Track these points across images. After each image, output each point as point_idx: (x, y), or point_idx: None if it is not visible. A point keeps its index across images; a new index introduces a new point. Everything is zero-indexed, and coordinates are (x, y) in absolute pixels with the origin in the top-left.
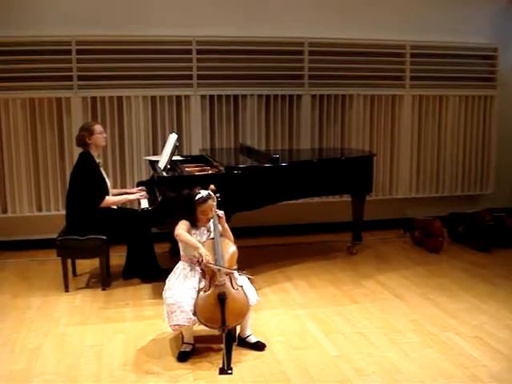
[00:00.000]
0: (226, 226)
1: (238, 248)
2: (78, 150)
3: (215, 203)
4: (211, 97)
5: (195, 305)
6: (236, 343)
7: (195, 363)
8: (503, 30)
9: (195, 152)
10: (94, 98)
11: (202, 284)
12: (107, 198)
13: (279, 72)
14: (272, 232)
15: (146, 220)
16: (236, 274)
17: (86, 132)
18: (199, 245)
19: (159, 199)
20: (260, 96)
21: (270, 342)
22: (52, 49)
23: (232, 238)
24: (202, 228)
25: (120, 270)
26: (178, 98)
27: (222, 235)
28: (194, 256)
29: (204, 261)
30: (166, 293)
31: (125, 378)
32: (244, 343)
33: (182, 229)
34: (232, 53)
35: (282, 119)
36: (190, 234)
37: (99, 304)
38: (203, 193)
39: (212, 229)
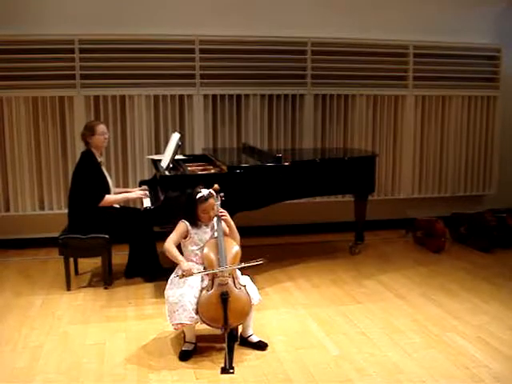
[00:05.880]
0: (232, 224)
1: (241, 247)
2: (80, 149)
3: (218, 202)
4: (214, 96)
5: (197, 304)
6: (238, 342)
7: (197, 362)
8: (506, 31)
9: (198, 151)
10: (96, 97)
11: (205, 283)
12: (107, 196)
13: (282, 72)
14: (274, 231)
15: (149, 219)
16: (239, 273)
17: (87, 131)
18: (182, 259)
19: (161, 198)
20: (263, 95)
21: (272, 342)
22: (55, 48)
23: (238, 237)
24: (204, 227)
25: (122, 268)
26: (181, 97)
27: (226, 235)
28: (180, 274)
29: (189, 274)
30: (168, 292)
31: (126, 376)
32: (246, 343)
33: (170, 241)
34: (235, 52)
35: (285, 119)
36: (189, 235)
37: (101, 303)
38: (204, 192)
39: (216, 227)
